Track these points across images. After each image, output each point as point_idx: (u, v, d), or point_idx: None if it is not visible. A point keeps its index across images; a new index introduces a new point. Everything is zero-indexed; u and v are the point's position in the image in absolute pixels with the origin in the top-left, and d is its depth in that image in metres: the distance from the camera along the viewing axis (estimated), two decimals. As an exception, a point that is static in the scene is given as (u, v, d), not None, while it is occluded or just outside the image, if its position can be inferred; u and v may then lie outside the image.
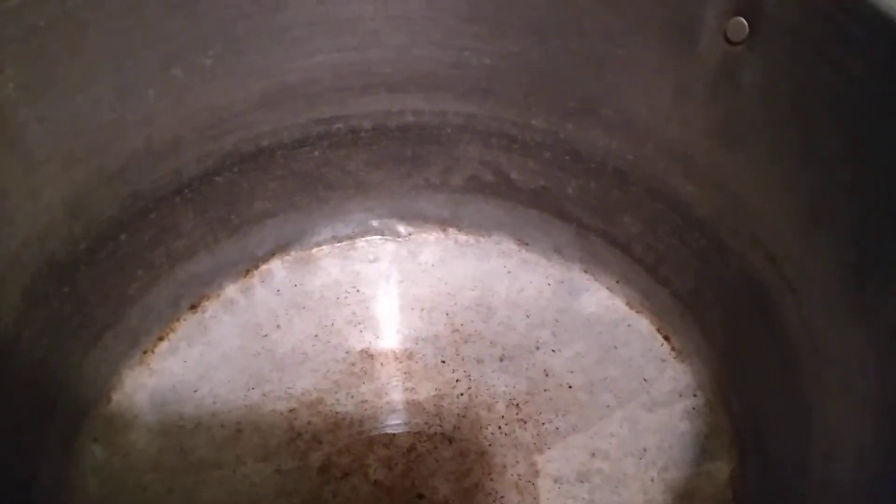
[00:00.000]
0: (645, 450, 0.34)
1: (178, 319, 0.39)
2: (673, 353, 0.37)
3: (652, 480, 0.33)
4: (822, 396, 0.24)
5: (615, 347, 0.38)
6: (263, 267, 0.42)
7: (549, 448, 0.35)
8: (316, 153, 0.39)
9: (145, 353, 0.37)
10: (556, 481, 0.34)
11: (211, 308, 0.40)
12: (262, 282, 0.41)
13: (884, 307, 0.21)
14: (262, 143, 0.37)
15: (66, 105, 0.29)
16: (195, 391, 0.37)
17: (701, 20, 0.27)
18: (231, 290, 0.41)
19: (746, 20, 0.26)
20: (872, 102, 0.22)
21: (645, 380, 0.37)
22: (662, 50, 0.30)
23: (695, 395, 0.35)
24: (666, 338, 0.38)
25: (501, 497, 0.33)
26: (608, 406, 0.36)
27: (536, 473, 0.34)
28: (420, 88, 0.37)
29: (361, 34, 0.34)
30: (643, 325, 0.39)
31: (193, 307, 0.39)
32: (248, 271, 0.41)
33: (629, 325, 0.39)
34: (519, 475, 0.34)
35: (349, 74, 0.36)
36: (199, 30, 0.31)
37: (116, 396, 0.36)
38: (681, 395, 0.36)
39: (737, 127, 0.29)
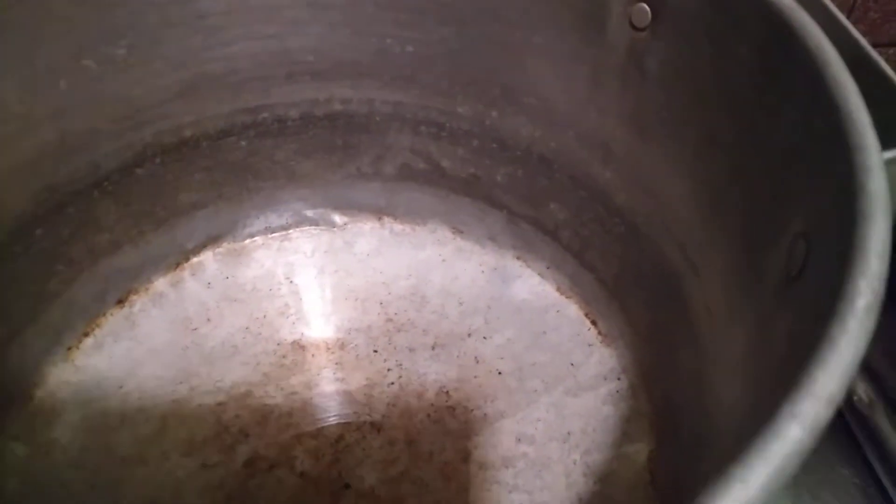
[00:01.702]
0: (569, 434, 0.35)
1: (104, 314, 0.38)
2: (599, 338, 0.38)
3: (574, 463, 0.34)
4: (718, 375, 0.25)
5: (545, 333, 0.39)
6: (194, 259, 0.41)
7: (476, 435, 0.35)
8: (243, 143, 0.39)
9: (69, 349, 0.37)
10: (481, 467, 0.34)
11: (139, 302, 0.39)
12: (193, 275, 0.41)
13: (767, 298, 0.21)
14: (184, 134, 0.36)
15: (-33, 97, 0.28)
16: (120, 387, 0.36)
17: (608, 6, 0.28)
18: (160, 283, 0.40)
19: (649, 6, 0.26)
20: (762, 89, 0.22)
21: (572, 364, 0.37)
22: (576, 37, 0.30)
23: (618, 379, 0.36)
24: (593, 322, 0.38)
25: (427, 485, 0.33)
26: (535, 391, 0.36)
27: (463, 460, 0.34)
28: (345, 76, 0.37)
29: (280, 22, 0.34)
30: (572, 310, 0.39)
31: (121, 302, 0.39)
32: (178, 264, 0.41)
33: (558, 311, 0.39)
34: (446, 462, 0.34)
35: (271, 63, 0.36)
36: (110, 19, 0.31)
37: (39, 394, 0.35)
38: (605, 379, 0.36)
39: (645, 115, 0.29)
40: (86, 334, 0.37)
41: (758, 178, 0.23)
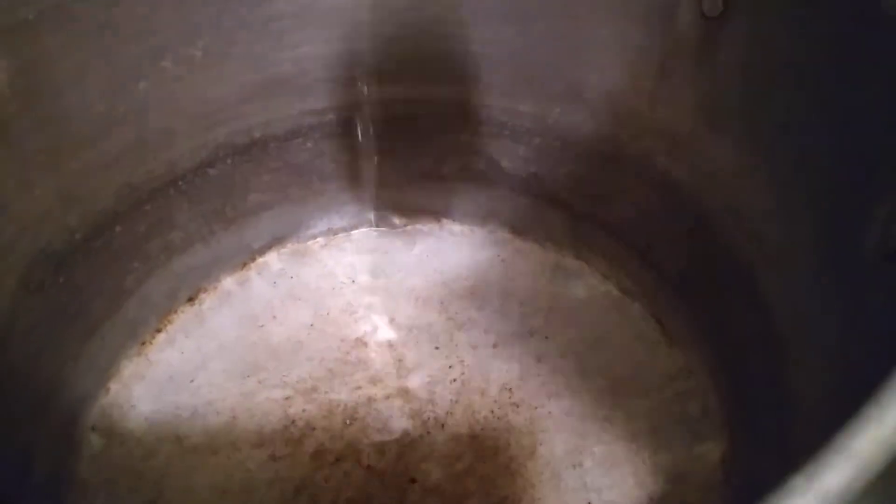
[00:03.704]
0: (637, 433, 0.34)
1: (175, 311, 0.39)
2: (665, 338, 0.37)
3: (643, 462, 0.33)
4: (803, 373, 0.24)
5: (608, 332, 0.38)
6: (260, 259, 0.42)
7: (541, 431, 0.35)
8: (309, 144, 0.39)
9: (143, 344, 0.38)
10: (547, 464, 0.34)
11: (208, 300, 0.40)
12: (259, 274, 0.42)
13: (860, 279, 0.21)
14: (254, 135, 0.37)
15: (57, 97, 0.29)
16: (191, 381, 0.37)
17: (678, -3, 0.27)
18: (228, 282, 0.41)
19: (721, -6, 0.26)
20: (843, 66, 0.22)
21: (637, 363, 0.37)
22: (644, 29, 0.30)
23: (687, 378, 0.35)
24: (658, 322, 0.38)
25: (493, 480, 0.33)
26: (601, 390, 0.36)
27: (529, 457, 0.34)
28: (408, 78, 0.38)
29: (348, 24, 0.35)
30: (635, 309, 0.39)
31: (191, 299, 0.40)
32: (244, 264, 0.42)
33: (621, 310, 0.39)
34: (511, 458, 0.34)
35: (338, 65, 0.37)
36: (187, 22, 0.32)
37: (115, 387, 0.36)
38: (673, 378, 0.36)
39: (716, 104, 0.29)
40: (158, 330, 0.39)
41: (840, 160, 0.23)
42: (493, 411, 0.36)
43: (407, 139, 0.40)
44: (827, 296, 0.23)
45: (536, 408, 0.36)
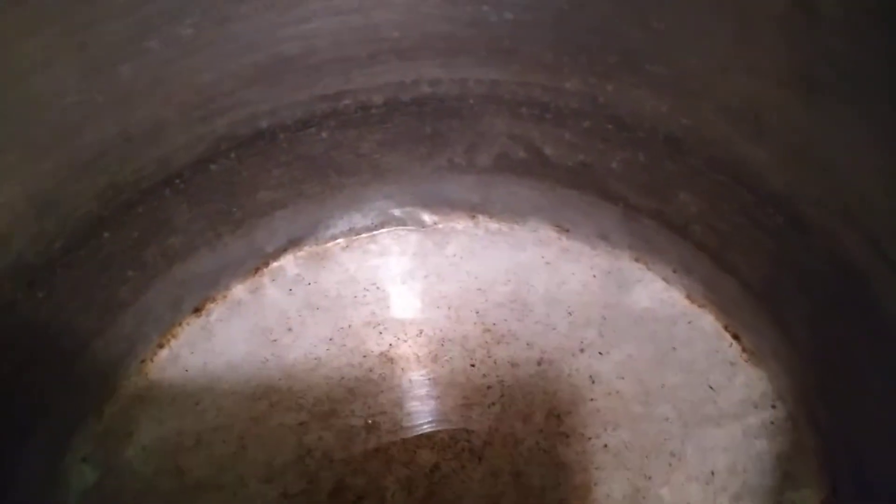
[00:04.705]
0: (713, 473, 0.29)
1: (179, 324, 0.35)
2: (744, 356, 0.32)
3: (722, 511, 0.27)
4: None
5: (674, 349, 0.33)
6: (274, 264, 0.38)
7: (596, 469, 0.30)
8: (323, 134, 0.35)
9: (143, 362, 0.34)
10: (603, 510, 0.28)
11: (217, 311, 0.36)
12: (273, 280, 0.38)
13: None
14: (260, 125, 0.33)
15: (21, 85, 0.25)
16: (196, 404, 0.33)
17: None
18: (238, 290, 0.37)
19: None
20: None
21: (711, 387, 0.31)
22: (720, -19, 0.24)
23: (773, 407, 0.30)
24: (735, 336, 0.32)
25: (539, 528, 0.28)
26: (667, 419, 0.31)
27: (582, 498, 0.29)
28: (435, 53, 0.33)
29: (362, -8, 0.30)
30: (707, 321, 0.33)
31: (197, 310, 0.36)
32: (256, 269, 0.38)
33: (690, 322, 0.33)
34: (560, 501, 0.29)
35: (352, 41, 0.32)
36: (173, -6, 0.27)
37: (110, 410, 0.33)
38: (756, 407, 0.30)
39: (815, 71, 0.23)
40: (160, 346, 0.35)
41: None
42: (538, 442, 0.31)
43: (435, 125, 0.35)
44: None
45: (590, 439, 0.31)
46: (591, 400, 0.32)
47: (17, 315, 0.28)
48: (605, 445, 0.30)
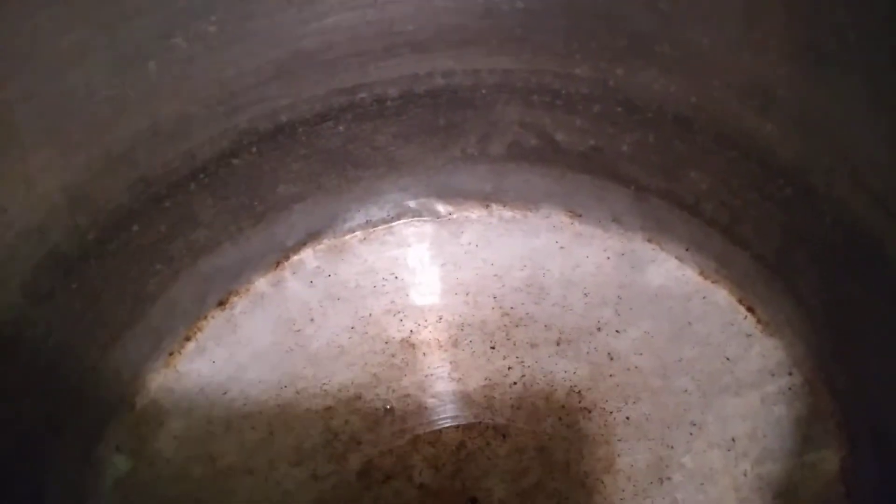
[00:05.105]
0: (734, 440, 0.29)
1: (205, 317, 0.36)
2: (759, 327, 0.32)
3: (745, 475, 0.28)
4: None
5: (689, 324, 0.33)
6: (294, 257, 0.39)
7: (619, 441, 0.30)
8: (340, 128, 0.36)
9: (171, 354, 0.35)
10: (629, 479, 0.29)
11: (240, 304, 0.37)
12: (294, 273, 0.38)
13: None
14: (280, 120, 0.34)
15: (56, 81, 0.26)
16: (224, 393, 0.34)
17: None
18: (261, 283, 0.38)
19: None
20: None
21: (728, 359, 0.32)
22: (726, -40, 0.25)
23: (790, 374, 0.30)
24: (750, 309, 0.33)
25: (567, 498, 0.29)
26: (686, 391, 0.31)
27: (606, 470, 0.29)
28: (448, 45, 0.33)
29: (378, -13, 0.31)
30: (721, 296, 0.34)
31: (221, 304, 0.37)
32: (278, 263, 0.38)
33: (704, 298, 0.34)
34: (586, 473, 0.30)
35: (368, 35, 0.33)
36: (198, -8, 0.28)
37: (140, 401, 0.33)
38: (773, 375, 0.31)
39: (823, 43, 0.24)
40: (187, 338, 0.35)
41: None
42: (560, 418, 0.31)
43: (449, 116, 0.36)
44: None
45: (611, 413, 0.31)
46: (611, 376, 0.32)
47: (54, 305, 0.28)
48: (627, 418, 0.31)
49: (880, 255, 0.24)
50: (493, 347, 0.34)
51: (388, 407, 0.33)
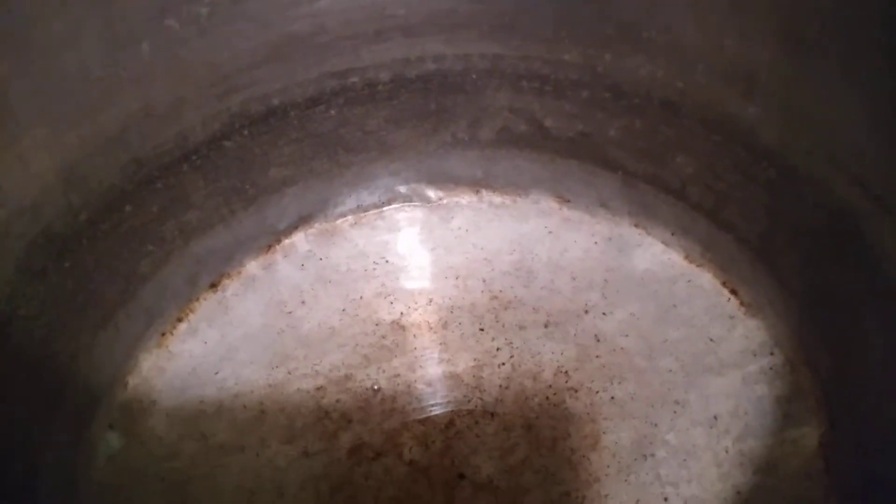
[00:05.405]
0: (716, 417, 0.30)
1: (197, 299, 0.36)
2: (742, 309, 0.33)
3: (727, 451, 0.29)
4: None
5: (674, 306, 0.34)
6: (286, 241, 0.39)
7: (605, 419, 0.31)
8: (332, 112, 0.36)
9: (163, 335, 0.35)
10: (614, 456, 0.30)
11: (232, 286, 0.37)
12: (285, 256, 0.39)
13: None
14: (272, 103, 0.34)
15: (50, 61, 0.27)
16: (216, 373, 0.34)
17: None
18: (252, 266, 0.38)
19: None
20: None
21: (711, 340, 0.32)
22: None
23: (771, 354, 0.31)
24: (733, 291, 0.33)
25: (553, 475, 0.29)
26: (670, 370, 0.32)
27: (592, 447, 0.30)
28: (439, 30, 0.34)
29: (369, -30, 0.31)
30: (705, 279, 0.34)
31: (213, 285, 0.37)
32: (269, 246, 0.39)
33: (689, 281, 0.35)
34: (572, 450, 0.30)
35: (360, 19, 0.33)
36: (191, -27, 0.29)
37: (133, 381, 0.34)
38: (755, 355, 0.31)
39: (803, 28, 0.24)
40: (179, 319, 0.36)
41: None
42: (548, 397, 0.32)
43: (440, 101, 0.36)
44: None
45: (597, 392, 0.32)
46: (597, 357, 0.33)
47: (47, 283, 0.29)
48: (612, 398, 0.31)
49: (859, 237, 0.24)
50: (482, 329, 0.35)
51: (378, 387, 0.33)
